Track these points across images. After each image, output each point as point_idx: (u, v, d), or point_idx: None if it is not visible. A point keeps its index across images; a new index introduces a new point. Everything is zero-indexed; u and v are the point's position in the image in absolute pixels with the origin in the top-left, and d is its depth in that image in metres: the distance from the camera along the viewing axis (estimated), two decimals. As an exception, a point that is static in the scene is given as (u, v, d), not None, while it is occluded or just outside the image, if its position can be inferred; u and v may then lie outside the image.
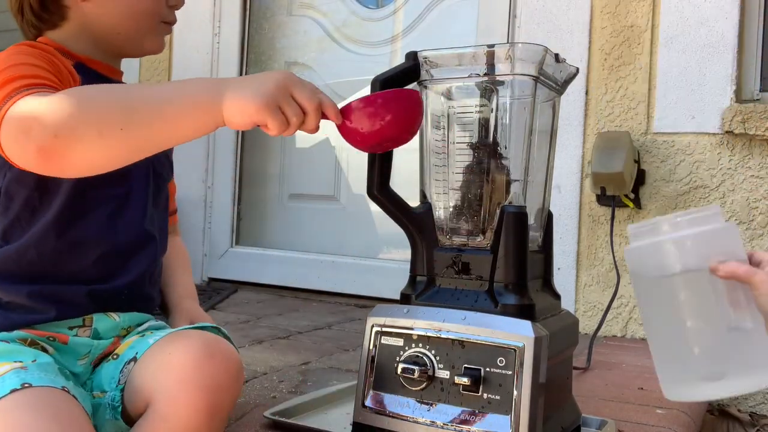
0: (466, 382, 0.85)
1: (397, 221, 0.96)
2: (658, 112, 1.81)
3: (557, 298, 0.99)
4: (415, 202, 0.97)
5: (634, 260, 1.05)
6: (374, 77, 0.93)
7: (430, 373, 0.88)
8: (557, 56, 0.93)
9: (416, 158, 0.98)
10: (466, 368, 0.86)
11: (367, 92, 0.82)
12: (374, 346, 0.93)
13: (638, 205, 1.81)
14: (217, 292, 2.36)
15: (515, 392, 0.83)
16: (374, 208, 2.36)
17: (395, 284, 1.01)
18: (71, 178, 0.87)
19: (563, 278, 1.88)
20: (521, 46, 0.90)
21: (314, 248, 2.45)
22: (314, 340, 1.71)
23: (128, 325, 0.97)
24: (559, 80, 0.98)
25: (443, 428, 0.86)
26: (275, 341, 1.66)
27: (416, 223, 0.95)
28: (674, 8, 1.80)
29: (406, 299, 0.94)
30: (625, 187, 1.74)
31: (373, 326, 0.93)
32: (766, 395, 1.68)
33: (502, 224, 0.89)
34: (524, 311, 0.87)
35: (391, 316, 0.92)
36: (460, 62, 0.93)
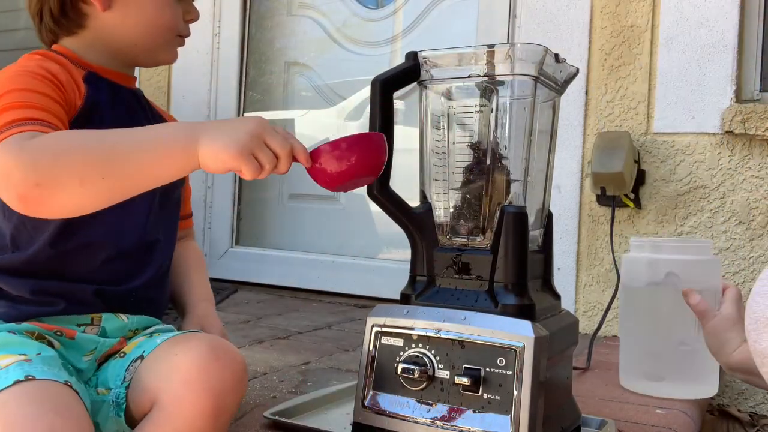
0: (466, 382, 0.85)
1: (397, 221, 0.96)
2: (658, 112, 1.81)
3: (557, 298, 0.99)
4: (415, 202, 0.97)
5: (627, 267, 1.29)
6: (374, 77, 0.93)
7: (430, 373, 0.88)
8: (557, 56, 0.93)
9: (416, 158, 0.98)
10: (466, 368, 0.86)
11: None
12: (374, 346, 0.93)
13: (638, 205, 1.81)
14: (217, 292, 2.35)
15: (515, 392, 0.83)
16: (374, 208, 2.36)
17: (395, 284, 1.01)
18: (54, 218, 0.89)
19: (563, 278, 1.88)
20: (521, 46, 0.90)
21: (314, 248, 2.45)
22: (314, 340, 1.71)
23: (136, 327, 0.98)
24: (559, 80, 0.98)
25: (443, 428, 0.86)
26: (275, 341, 1.66)
27: (416, 223, 0.95)
28: (674, 8, 1.80)
29: (406, 299, 0.94)
30: (625, 187, 1.74)
31: (373, 326, 0.93)
32: (766, 395, 1.67)
33: (502, 224, 0.89)
34: (524, 311, 0.87)
35: (391, 316, 0.92)
36: (460, 62, 0.93)
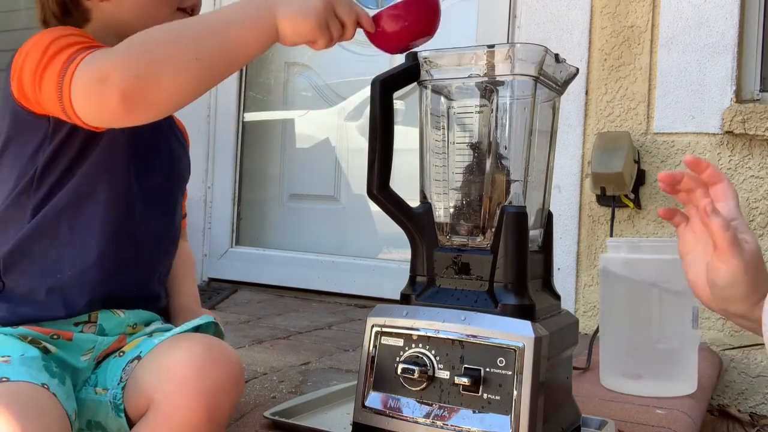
0: (466, 382, 0.85)
1: (397, 221, 0.96)
2: (658, 112, 1.81)
3: (557, 298, 0.99)
4: (415, 202, 0.97)
5: (605, 267, 1.32)
6: (374, 77, 0.93)
7: (430, 373, 0.88)
8: (557, 56, 0.93)
9: (416, 158, 0.98)
10: (466, 368, 0.86)
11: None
12: (374, 346, 0.93)
13: (638, 205, 1.81)
14: (217, 292, 2.36)
15: (515, 392, 0.83)
16: (374, 208, 2.36)
17: (395, 284, 1.01)
18: (148, 122, 0.87)
19: (563, 278, 1.88)
20: (521, 46, 0.90)
21: (314, 248, 2.45)
22: (314, 340, 1.71)
23: (134, 322, 0.97)
24: (559, 80, 0.98)
25: (443, 428, 0.86)
26: (275, 341, 1.66)
27: (416, 223, 0.95)
28: (674, 8, 1.80)
29: (406, 299, 0.94)
30: (625, 187, 1.74)
31: (373, 326, 0.93)
32: (766, 395, 1.68)
33: (502, 224, 0.89)
34: (524, 311, 0.87)
35: (391, 316, 0.92)
36: (460, 62, 0.93)
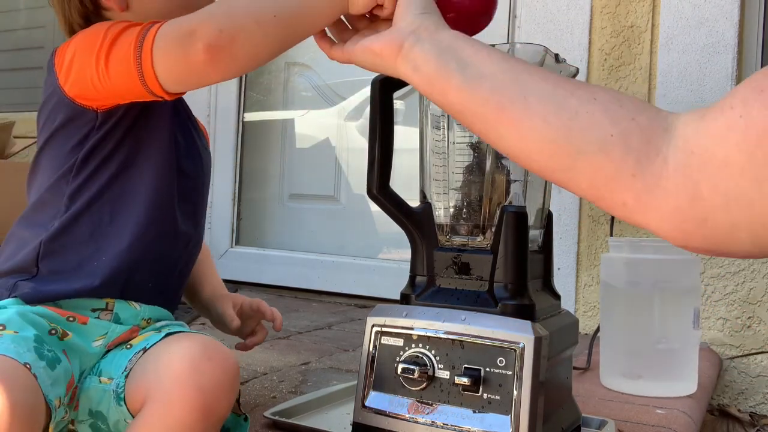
0: (466, 382, 0.85)
1: (397, 221, 0.96)
2: (658, 112, 1.81)
3: (557, 298, 0.99)
4: (415, 202, 0.97)
5: (606, 266, 1.32)
6: (374, 77, 0.93)
7: (430, 373, 0.88)
8: (557, 56, 0.93)
9: (416, 158, 0.98)
10: (466, 368, 0.86)
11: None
12: (374, 346, 0.93)
13: (638, 205, 1.81)
14: (217, 292, 2.36)
15: (515, 392, 0.83)
16: (374, 208, 2.36)
17: (395, 284, 1.01)
18: (233, 77, 0.92)
19: (563, 278, 1.88)
20: (521, 46, 0.90)
21: (314, 248, 2.45)
22: (314, 340, 1.71)
23: (148, 316, 0.97)
24: (559, 80, 0.97)
25: (443, 428, 0.86)
26: (275, 341, 1.66)
27: (416, 223, 0.95)
28: (674, 8, 1.80)
29: (405, 299, 0.94)
30: (625, 187, 1.73)
31: (373, 326, 0.93)
32: (766, 395, 1.67)
33: (502, 224, 0.89)
34: (524, 311, 0.87)
35: (391, 316, 0.92)
36: (460, 62, 0.93)
